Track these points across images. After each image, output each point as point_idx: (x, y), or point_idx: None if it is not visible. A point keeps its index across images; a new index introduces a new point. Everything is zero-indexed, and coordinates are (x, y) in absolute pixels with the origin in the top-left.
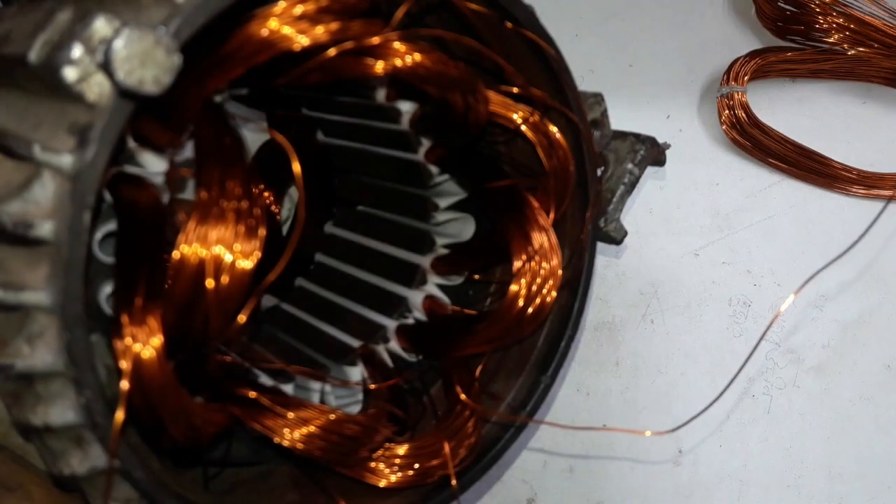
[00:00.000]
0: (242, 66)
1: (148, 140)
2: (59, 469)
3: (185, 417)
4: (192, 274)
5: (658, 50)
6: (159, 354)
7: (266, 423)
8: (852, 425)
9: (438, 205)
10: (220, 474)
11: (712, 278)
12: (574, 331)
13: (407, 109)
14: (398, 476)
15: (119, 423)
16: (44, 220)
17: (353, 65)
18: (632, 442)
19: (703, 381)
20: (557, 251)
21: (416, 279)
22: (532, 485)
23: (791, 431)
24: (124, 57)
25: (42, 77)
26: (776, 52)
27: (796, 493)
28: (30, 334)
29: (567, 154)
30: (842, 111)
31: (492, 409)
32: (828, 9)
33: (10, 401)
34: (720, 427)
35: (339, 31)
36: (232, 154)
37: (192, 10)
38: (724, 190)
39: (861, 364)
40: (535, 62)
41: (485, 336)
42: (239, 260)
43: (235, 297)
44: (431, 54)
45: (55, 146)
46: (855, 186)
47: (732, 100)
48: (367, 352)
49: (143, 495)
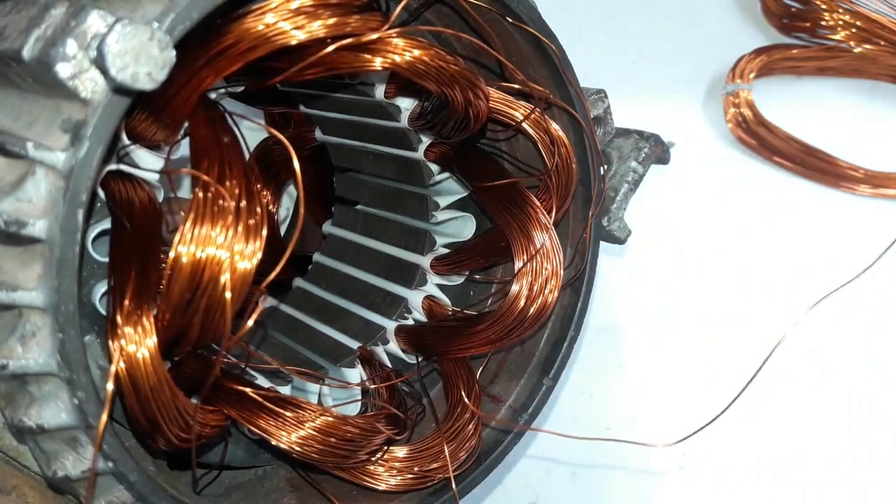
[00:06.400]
0: (238, 62)
1: (143, 137)
2: (53, 471)
3: (180, 419)
4: (189, 274)
5: (663, 47)
6: (153, 355)
7: (263, 426)
8: (862, 430)
9: (438, 203)
10: (216, 477)
11: (719, 279)
12: (577, 332)
13: (406, 106)
14: (397, 480)
15: (104, 423)
16: (37, 219)
17: (351, 61)
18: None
19: (709, 385)
20: (559, 251)
21: (415, 279)
22: (534, 489)
23: (797, 436)
24: (118, 52)
25: (36, 73)
26: (782, 49)
27: (801, 498)
28: (23, 334)
29: (569, 152)
30: (848, 109)
31: (493, 411)
32: (834, 6)
33: (3, 402)
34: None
35: (337, 27)
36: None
37: (186, 5)
38: (729, 188)
39: (870, 368)
40: (538, 58)
41: (485, 337)
42: (239, 261)
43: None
44: (431, 50)
45: (48, 144)
46: (861, 185)
47: (738, 97)
48: (365, 353)
49: (137, 497)
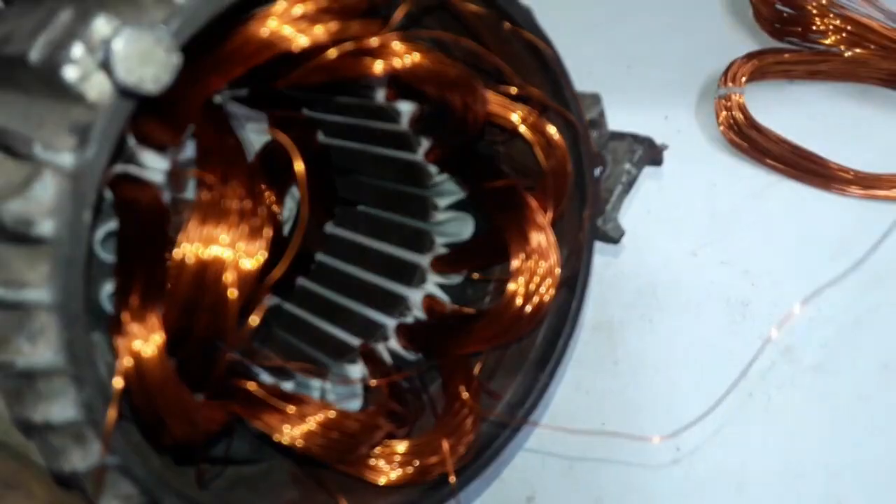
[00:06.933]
0: (242, 66)
1: (149, 139)
2: (60, 466)
3: (186, 415)
4: (194, 273)
5: (656, 51)
6: (160, 352)
7: (266, 421)
8: (850, 425)
9: (438, 204)
10: (221, 472)
11: (710, 278)
12: (572, 329)
13: (406, 110)
14: (398, 473)
15: (112, 419)
16: (44, 219)
17: (352, 65)
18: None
19: (702, 380)
20: (555, 250)
21: (415, 278)
22: (531, 483)
23: (789, 431)
24: (124, 56)
25: (43, 76)
26: (774, 53)
27: (794, 492)
28: (31, 332)
29: (565, 154)
30: (839, 112)
31: (490, 407)
32: (825, 10)
33: (10, 399)
34: (718, 426)
35: (339, 32)
36: (233, 154)
37: (192, 10)
38: (721, 190)
39: (859, 364)
40: (534, 63)
41: (483, 334)
42: (244, 260)
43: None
44: (430, 55)
45: (56, 145)
46: (852, 187)
47: (730, 101)
48: (367, 350)
49: (144, 492)
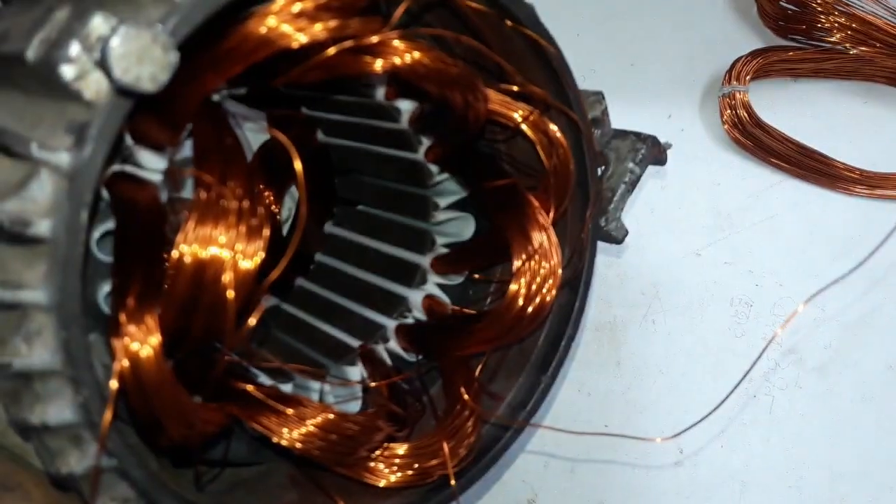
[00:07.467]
0: (241, 64)
1: (146, 138)
2: (57, 468)
3: (183, 416)
4: (191, 273)
5: (660, 49)
6: (157, 353)
7: (265, 423)
8: (854, 426)
9: (438, 204)
10: (219, 474)
11: (714, 278)
12: (574, 330)
13: (406, 108)
14: (397, 476)
15: (108, 421)
16: (41, 219)
17: (352, 63)
18: (633, 442)
19: (705, 381)
20: (557, 250)
21: (416, 279)
22: (532, 485)
23: (793, 432)
24: (121, 54)
25: (40, 75)
26: (778, 51)
27: (798, 493)
28: (27, 333)
29: (567, 153)
30: (844, 111)
31: (492, 409)
32: (830, 8)
33: (7, 400)
34: (721, 427)
35: (338, 29)
36: (232, 153)
37: (189, 8)
38: (725, 190)
39: (863, 364)
40: (536, 61)
41: (484, 335)
42: (242, 260)
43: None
44: (431, 52)
45: (53, 144)
46: (857, 186)
47: (734, 99)
48: (366, 351)
49: (141, 494)
